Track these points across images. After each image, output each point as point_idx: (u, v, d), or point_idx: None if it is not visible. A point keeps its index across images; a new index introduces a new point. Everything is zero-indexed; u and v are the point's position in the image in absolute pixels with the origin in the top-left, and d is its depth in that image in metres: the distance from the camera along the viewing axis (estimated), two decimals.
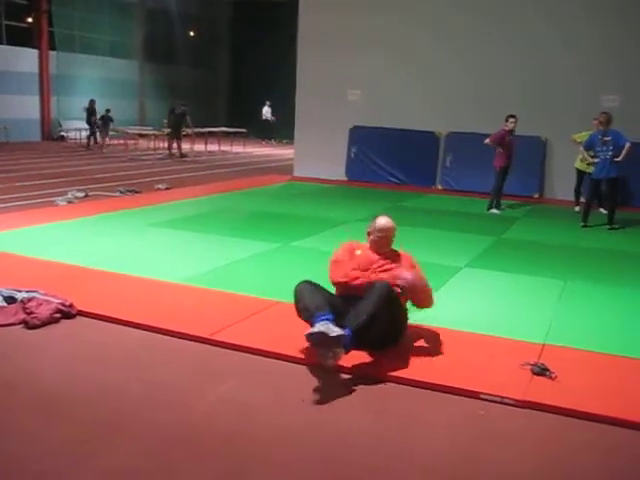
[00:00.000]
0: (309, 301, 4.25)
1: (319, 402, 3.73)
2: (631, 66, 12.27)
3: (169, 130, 19.46)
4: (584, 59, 12.57)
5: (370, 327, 4.11)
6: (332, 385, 3.94)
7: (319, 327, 3.91)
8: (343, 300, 4.41)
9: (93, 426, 3.36)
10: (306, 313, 4.23)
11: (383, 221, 4.71)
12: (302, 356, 4.25)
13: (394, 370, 4.09)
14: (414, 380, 3.99)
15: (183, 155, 19.16)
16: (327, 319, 4.00)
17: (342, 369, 4.09)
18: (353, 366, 4.12)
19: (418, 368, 4.15)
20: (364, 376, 4.05)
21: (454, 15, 13.51)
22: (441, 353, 4.43)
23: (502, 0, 13.21)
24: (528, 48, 13.00)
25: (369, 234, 4.74)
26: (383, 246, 4.70)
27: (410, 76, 13.92)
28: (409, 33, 13.83)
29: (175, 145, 19.11)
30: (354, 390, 3.89)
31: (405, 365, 4.16)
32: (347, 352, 4.00)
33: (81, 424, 3.38)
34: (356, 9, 14.13)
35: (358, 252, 4.73)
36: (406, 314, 4.58)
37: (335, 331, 3.88)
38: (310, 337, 3.92)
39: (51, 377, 3.93)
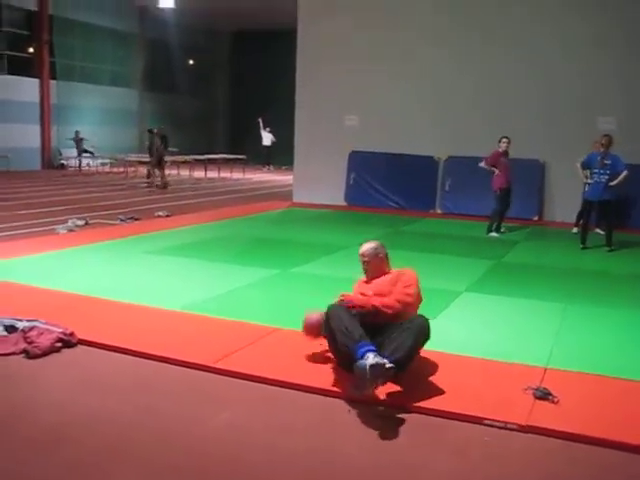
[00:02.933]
0: (352, 326, 4.15)
1: (321, 428, 3.71)
2: (628, 89, 12.38)
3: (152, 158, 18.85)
4: (582, 83, 12.70)
5: (410, 360, 4.13)
6: (334, 412, 3.92)
7: (375, 359, 3.82)
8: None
9: (94, 454, 3.35)
10: (347, 338, 4.11)
11: (363, 246, 4.78)
12: (303, 383, 4.24)
13: (395, 397, 4.07)
14: (416, 406, 3.98)
15: (151, 184, 18.36)
16: (374, 350, 3.93)
17: (343, 396, 4.08)
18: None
19: (420, 394, 4.12)
20: (365, 403, 4.02)
21: (453, 40, 13.67)
22: (443, 378, 4.40)
23: (501, 25, 13.34)
24: (526, 72, 13.14)
25: None
26: (370, 272, 4.74)
27: (408, 100, 14.04)
28: (406, 58, 13.98)
29: (158, 173, 18.63)
30: (355, 417, 3.86)
31: (406, 391, 4.14)
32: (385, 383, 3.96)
33: (81, 452, 3.36)
34: (354, 35, 14.29)
35: (356, 286, 4.80)
36: None
37: (388, 363, 3.83)
38: (371, 369, 3.76)
39: (52, 406, 3.91)
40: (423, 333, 4.24)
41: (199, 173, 22.06)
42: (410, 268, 4.78)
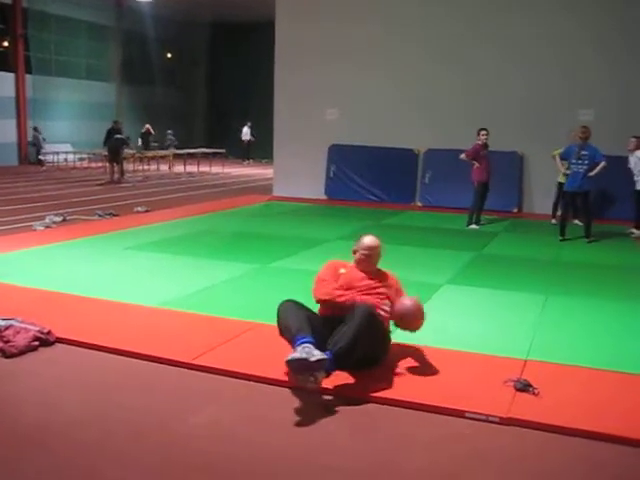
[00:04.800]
0: (291, 321, 4.23)
1: (302, 423, 3.69)
2: (604, 81, 12.45)
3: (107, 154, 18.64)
4: (561, 75, 12.76)
5: (351, 351, 4.11)
6: (315, 407, 3.90)
7: (300, 353, 3.86)
8: (326, 320, 4.40)
9: (73, 455, 3.30)
10: (287, 333, 4.22)
11: (368, 239, 4.73)
12: (284, 378, 4.21)
13: (376, 390, 4.06)
14: (397, 400, 3.97)
15: (120, 180, 18.10)
16: (308, 342, 3.98)
17: (324, 390, 4.06)
18: (335, 387, 4.09)
19: (400, 387, 4.12)
20: (347, 397, 4.01)
21: (433, 34, 13.66)
22: (423, 371, 4.41)
23: (482, 18, 13.34)
24: (505, 65, 13.18)
25: (354, 252, 4.74)
26: (368, 265, 4.69)
27: (388, 93, 14.02)
28: (385, 51, 13.97)
29: (116, 169, 18.32)
30: (337, 411, 3.85)
31: (387, 385, 4.14)
32: (328, 375, 4.01)
33: (60, 453, 3.31)
34: (332, 28, 14.23)
35: (342, 271, 4.71)
36: (389, 335, 4.57)
37: (315, 355, 3.85)
38: (290, 364, 3.88)
39: (29, 406, 3.85)
40: (364, 322, 4.15)
41: (178, 167, 21.95)
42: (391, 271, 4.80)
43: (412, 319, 4.47)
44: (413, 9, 13.82)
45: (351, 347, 4.08)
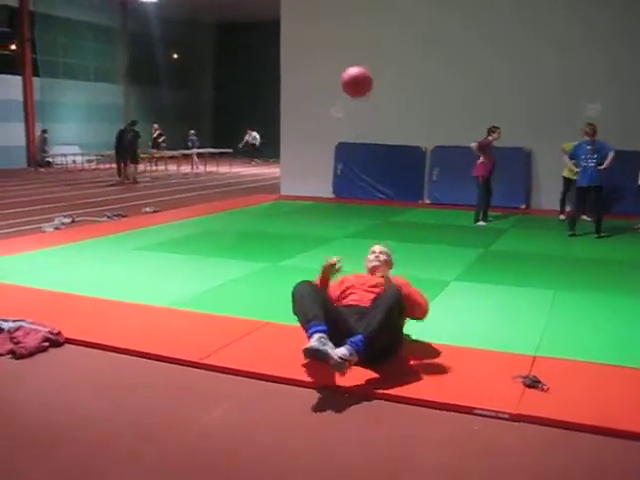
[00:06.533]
0: (308, 305, 4.25)
1: (313, 422, 3.69)
2: (614, 74, 12.39)
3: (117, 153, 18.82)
4: (567, 69, 12.72)
5: (382, 333, 4.15)
6: (326, 404, 3.91)
7: (317, 344, 3.96)
8: (340, 308, 4.50)
9: (88, 453, 3.32)
10: (303, 316, 4.26)
11: (377, 246, 5.02)
12: (295, 377, 4.22)
13: (386, 388, 4.06)
14: (407, 397, 3.97)
15: (131, 180, 18.27)
16: (322, 330, 4.04)
17: (335, 388, 4.07)
18: (346, 385, 4.09)
19: (410, 384, 4.12)
20: (357, 395, 4.01)
21: (437, 31, 13.63)
22: (432, 368, 4.40)
23: (486, 13, 13.32)
24: (511, 61, 13.14)
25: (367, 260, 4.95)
26: (376, 269, 4.82)
27: (395, 90, 13.97)
28: (391, 48, 13.95)
29: (126, 168, 18.48)
30: (347, 409, 3.85)
31: (397, 382, 4.13)
32: (360, 358, 4.05)
33: (70, 455, 3.33)
34: (338, 25, 14.22)
35: (351, 277, 4.84)
36: (403, 330, 4.60)
37: (328, 348, 3.95)
38: (306, 351, 3.99)
39: (39, 407, 3.87)
40: (394, 304, 4.24)
41: (186, 167, 21.99)
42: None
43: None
44: (418, 10, 13.77)
45: (382, 328, 4.14)
